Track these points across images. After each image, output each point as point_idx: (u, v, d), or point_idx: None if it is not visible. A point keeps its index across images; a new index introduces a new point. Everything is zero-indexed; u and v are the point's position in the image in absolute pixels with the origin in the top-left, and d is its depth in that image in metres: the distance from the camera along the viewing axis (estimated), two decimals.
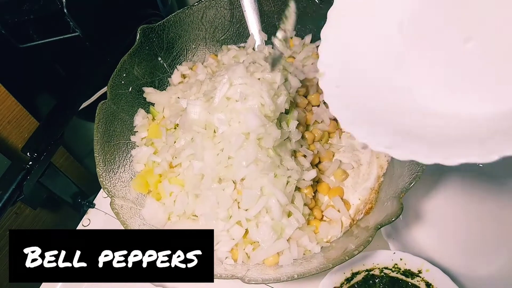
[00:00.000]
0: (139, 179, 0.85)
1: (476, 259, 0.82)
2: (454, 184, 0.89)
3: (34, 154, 0.84)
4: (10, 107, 1.00)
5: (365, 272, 0.79)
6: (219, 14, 1.00)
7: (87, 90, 1.02)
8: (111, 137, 0.86)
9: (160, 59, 0.98)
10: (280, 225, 0.75)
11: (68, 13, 0.99)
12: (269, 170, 0.74)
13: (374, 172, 0.85)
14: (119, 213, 0.75)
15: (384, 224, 0.66)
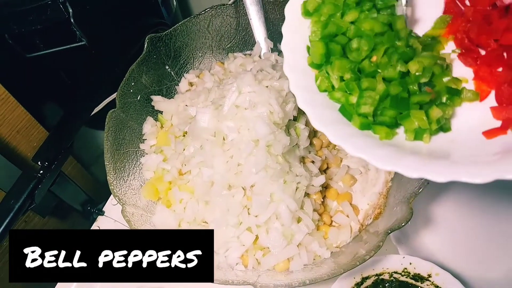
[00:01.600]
0: (149, 187, 0.86)
1: (486, 262, 0.82)
2: (462, 188, 0.90)
3: (45, 163, 0.85)
4: (19, 116, 1.01)
5: (375, 277, 0.79)
6: (225, 23, 1.01)
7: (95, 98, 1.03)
8: (120, 145, 0.87)
9: (167, 67, 0.99)
10: (290, 231, 0.75)
11: (74, 23, 1.00)
12: (279, 177, 0.75)
13: (382, 177, 0.85)
14: (131, 221, 0.75)
15: (394, 229, 0.67)
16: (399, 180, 0.81)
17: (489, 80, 0.55)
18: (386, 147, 0.53)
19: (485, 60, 0.56)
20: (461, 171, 0.47)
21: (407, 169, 0.49)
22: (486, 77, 0.55)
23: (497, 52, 0.54)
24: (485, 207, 0.87)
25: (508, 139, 0.50)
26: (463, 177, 0.46)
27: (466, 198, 0.89)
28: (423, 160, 0.50)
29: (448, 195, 0.90)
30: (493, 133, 0.51)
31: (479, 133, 0.53)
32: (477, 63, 0.57)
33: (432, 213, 0.89)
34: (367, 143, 0.53)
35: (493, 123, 0.53)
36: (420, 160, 0.50)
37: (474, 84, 0.57)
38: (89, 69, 1.16)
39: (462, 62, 0.59)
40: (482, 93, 0.55)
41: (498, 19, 0.54)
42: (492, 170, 0.46)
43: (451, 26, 0.60)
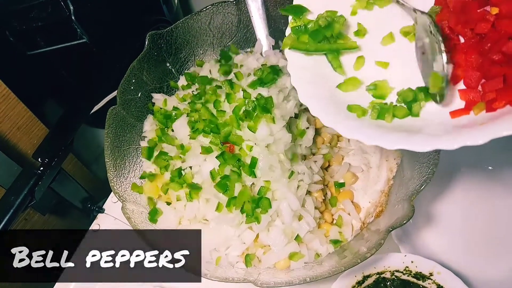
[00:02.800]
0: (149, 184, 0.85)
1: (487, 261, 0.82)
2: (464, 187, 0.89)
3: (45, 160, 0.85)
4: (20, 113, 1.01)
5: (376, 275, 0.79)
6: (226, 20, 1.01)
7: (96, 96, 1.03)
8: (121, 142, 0.87)
9: (168, 64, 0.99)
10: (291, 229, 0.75)
11: (76, 20, 1.00)
12: (280, 175, 0.74)
13: (384, 175, 0.85)
14: (131, 218, 0.75)
15: (396, 226, 0.66)
16: (401, 178, 0.80)
17: (462, 65, 0.59)
18: (374, 128, 0.58)
19: (461, 47, 0.60)
20: (437, 141, 0.52)
21: (389, 143, 0.54)
22: (461, 63, 0.59)
23: (472, 41, 0.59)
24: (487, 206, 0.87)
25: (470, 117, 0.55)
26: (439, 145, 0.51)
27: (468, 197, 0.89)
28: (402, 135, 0.55)
29: (450, 194, 0.90)
30: (457, 113, 0.56)
31: (446, 113, 0.57)
32: (454, 50, 0.60)
33: (434, 212, 0.88)
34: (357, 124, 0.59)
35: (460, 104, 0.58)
36: (400, 135, 0.55)
37: (451, 69, 0.60)
38: (90, 67, 1.16)
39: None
40: (456, 78, 0.59)
41: (475, 10, 0.58)
42: (465, 136, 0.50)
43: (439, 16, 0.63)
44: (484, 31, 0.57)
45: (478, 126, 0.51)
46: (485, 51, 0.56)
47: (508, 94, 0.52)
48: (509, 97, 0.51)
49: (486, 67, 0.55)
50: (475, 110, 0.55)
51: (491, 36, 0.56)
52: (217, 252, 0.77)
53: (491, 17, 0.56)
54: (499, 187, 0.88)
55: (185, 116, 0.84)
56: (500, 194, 0.87)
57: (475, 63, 0.57)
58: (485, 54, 0.56)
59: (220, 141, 0.77)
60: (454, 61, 0.60)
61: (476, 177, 0.89)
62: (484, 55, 0.56)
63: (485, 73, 0.56)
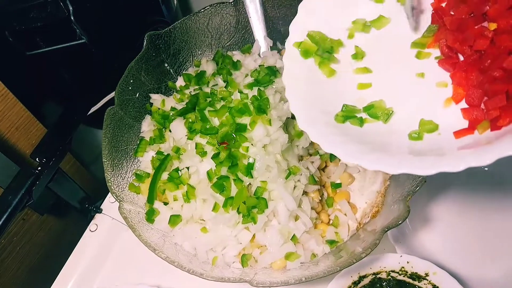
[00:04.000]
0: (146, 184, 0.86)
1: (483, 261, 0.82)
2: (461, 188, 0.90)
3: (43, 160, 0.85)
4: (18, 113, 1.01)
5: (372, 276, 0.79)
6: (224, 21, 1.01)
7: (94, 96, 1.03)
8: (118, 142, 0.87)
9: (166, 65, 0.99)
10: (287, 229, 0.75)
11: (75, 21, 1.00)
12: (277, 175, 0.74)
13: (380, 176, 0.85)
14: (128, 218, 0.75)
15: (391, 227, 0.66)
16: (397, 179, 0.81)
17: (463, 84, 0.58)
18: (375, 152, 0.56)
19: (461, 65, 0.59)
20: (442, 162, 0.50)
21: (391, 167, 0.53)
22: (461, 82, 0.58)
23: (472, 58, 0.57)
24: (482, 207, 0.87)
25: (475, 137, 0.53)
26: (445, 167, 0.49)
27: (464, 198, 0.89)
28: (405, 158, 0.54)
29: (446, 195, 0.90)
30: (461, 133, 0.54)
31: (450, 134, 0.55)
32: (454, 69, 0.60)
33: (430, 213, 0.89)
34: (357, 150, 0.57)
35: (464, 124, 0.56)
36: (402, 158, 0.54)
37: (452, 88, 0.59)
38: (89, 67, 1.16)
39: (441, 68, 0.62)
40: (458, 97, 0.58)
41: (472, 27, 0.57)
42: (471, 157, 0.49)
43: (437, 35, 0.63)
44: (483, 47, 0.56)
45: (484, 145, 0.49)
46: (486, 68, 0.55)
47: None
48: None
49: (488, 84, 0.54)
50: (479, 129, 0.53)
51: (491, 52, 0.55)
52: (213, 252, 0.77)
53: (489, 33, 0.55)
54: (495, 188, 0.88)
55: (182, 117, 0.84)
56: (496, 195, 0.88)
57: (476, 80, 0.56)
58: (486, 71, 0.55)
59: (217, 141, 0.78)
60: (453, 79, 0.59)
61: (471, 178, 0.89)
62: (484, 72, 0.55)
63: (487, 91, 0.54)
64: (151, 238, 0.75)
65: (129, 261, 0.96)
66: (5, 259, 1.09)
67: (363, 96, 0.65)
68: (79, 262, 0.97)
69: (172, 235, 0.80)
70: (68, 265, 0.97)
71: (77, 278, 0.95)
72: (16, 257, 1.12)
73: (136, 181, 0.85)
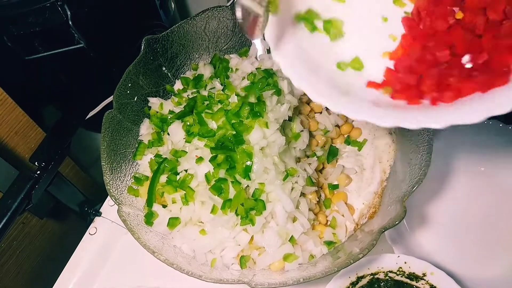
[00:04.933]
0: (145, 187, 0.86)
1: (480, 261, 0.83)
2: (457, 188, 0.90)
3: (42, 164, 0.85)
4: (17, 117, 1.02)
5: (370, 276, 0.79)
6: (221, 24, 1.02)
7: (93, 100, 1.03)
8: (117, 145, 0.87)
9: (164, 68, 1.00)
10: (285, 231, 0.76)
11: (73, 25, 1.01)
12: (275, 177, 0.75)
13: (377, 177, 0.86)
14: (127, 221, 0.76)
15: (388, 227, 0.67)
16: (394, 180, 0.81)
17: (405, 48, 0.59)
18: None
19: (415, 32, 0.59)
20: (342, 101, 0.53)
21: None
22: (405, 45, 0.59)
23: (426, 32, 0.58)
24: (479, 207, 0.88)
25: (378, 96, 0.56)
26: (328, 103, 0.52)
27: (461, 198, 0.90)
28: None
29: (443, 195, 0.91)
30: (371, 84, 0.57)
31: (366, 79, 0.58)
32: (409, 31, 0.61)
33: (427, 213, 0.89)
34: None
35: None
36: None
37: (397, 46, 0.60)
38: (87, 71, 1.17)
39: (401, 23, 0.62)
40: (394, 55, 0.60)
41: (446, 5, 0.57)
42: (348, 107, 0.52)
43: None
44: (440, 29, 0.56)
45: (378, 107, 0.52)
46: (427, 47, 0.56)
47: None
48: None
49: (415, 62, 0.56)
50: (384, 90, 0.56)
51: (440, 37, 0.56)
52: (212, 254, 0.78)
53: (452, 20, 0.56)
54: (491, 188, 0.89)
55: (180, 121, 0.85)
56: (492, 195, 0.89)
57: (414, 52, 0.57)
58: (425, 49, 0.56)
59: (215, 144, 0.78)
60: (402, 40, 0.60)
61: (468, 178, 0.90)
62: (424, 50, 0.56)
63: (411, 66, 0.56)
64: (150, 241, 0.75)
65: (128, 263, 0.97)
66: (5, 263, 1.10)
67: (331, 12, 0.63)
68: (78, 265, 0.97)
69: (171, 237, 0.81)
70: (68, 268, 0.97)
71: (77, 281, 0.96)
72: (16, 261, 1.13)
73: (135, 184, 0.86)
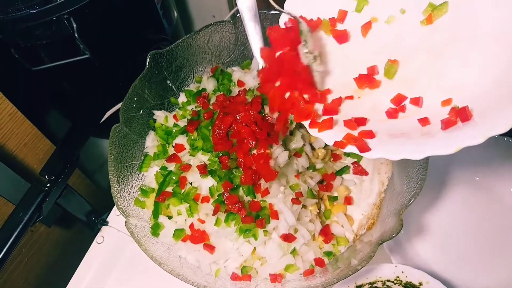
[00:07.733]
0: (151, 199, 0.89)
1: (476, 271, 0.85)
2: (453, 198, 0.93)
3: (52, 177, 0.88)
4: (26, 130, 1.05)
5: (369, 285, 0.82)
6: (224, 38, 1.05)
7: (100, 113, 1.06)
8: (124, 158, 0.90)
9: (169, 82, 1.02)
10: (286, 242, 0.78)
11: (78, 37, 1.03)
12: (277, 190, 0.78)
13: (375, 188, 0.88)
14: (134, 233, 0.78)
15: (385, 240, 0.70)
16: (392, 192, 0.84)
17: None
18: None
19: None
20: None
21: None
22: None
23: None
24: (475, 217, 0.90)
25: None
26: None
27: (457, 208, 0.92)
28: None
29: (440, 205, 0.93)
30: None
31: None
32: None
33: (425, 223, 0.92)
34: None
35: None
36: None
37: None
38: (93, 82, 1.20)
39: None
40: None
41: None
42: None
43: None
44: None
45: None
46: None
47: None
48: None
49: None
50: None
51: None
52: (216, 264, 0.80)
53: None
54: (487, 197, 0.91)
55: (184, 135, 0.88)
56: (488, 204, 0.91)
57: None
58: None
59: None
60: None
61: (464, 188, 0.92)
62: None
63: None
64: (156, 252, 0.77)
65: (135, 271, 0.99)
66: (14, 270, 1.12)
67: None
68: (87, 273, 1.00)
69: (177, 248, 0.83)
70: (76, 276, 1.00)
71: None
72: (24, 268, 1.16)
73: (141, 196, 0.89)
